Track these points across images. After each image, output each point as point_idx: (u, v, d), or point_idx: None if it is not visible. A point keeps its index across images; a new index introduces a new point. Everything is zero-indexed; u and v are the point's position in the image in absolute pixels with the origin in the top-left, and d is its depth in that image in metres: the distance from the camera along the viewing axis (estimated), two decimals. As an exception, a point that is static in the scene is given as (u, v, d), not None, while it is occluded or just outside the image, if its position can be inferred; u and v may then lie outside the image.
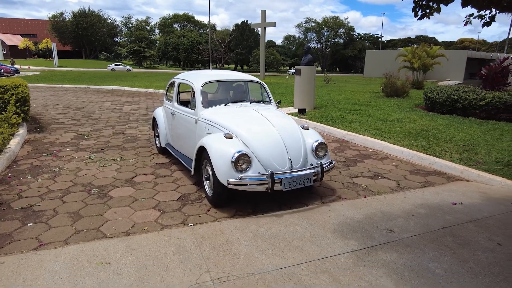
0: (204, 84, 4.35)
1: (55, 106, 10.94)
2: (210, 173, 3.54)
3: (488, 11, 3.09)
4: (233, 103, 4.43)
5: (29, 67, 41.53)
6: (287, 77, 33.88)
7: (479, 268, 2.46)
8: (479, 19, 3.10)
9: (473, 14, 3.08)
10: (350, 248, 2.75)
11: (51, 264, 2.48)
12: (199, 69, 53.55)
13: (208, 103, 4.32)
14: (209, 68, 48.91)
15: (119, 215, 3.36)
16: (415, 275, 2.39)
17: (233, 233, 2.97)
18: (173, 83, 5.10)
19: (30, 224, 3.14)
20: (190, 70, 53.36)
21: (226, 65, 61.84)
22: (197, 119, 4.15)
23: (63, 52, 60.16)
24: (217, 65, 50.95)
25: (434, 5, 2.90)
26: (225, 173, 3.26)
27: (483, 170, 4.69)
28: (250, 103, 4.51)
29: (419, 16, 2.92)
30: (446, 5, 2.83)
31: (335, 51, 69.41)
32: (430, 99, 10.31)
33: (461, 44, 79.42)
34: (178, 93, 4.94)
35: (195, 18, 77.79)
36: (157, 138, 5.61)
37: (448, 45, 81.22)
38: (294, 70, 11.10)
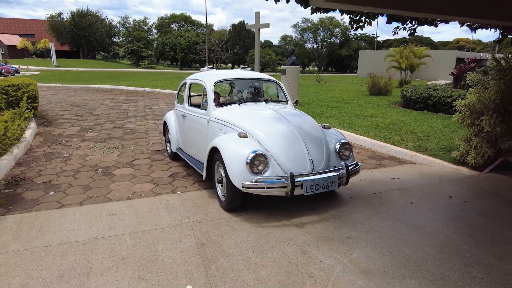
0: (216, 83, 4.16)
1: (58, 104, 11.75)
2: (223, 175, 3.32)
3: (410, 25, 3.96)
4: (247, 102, 4.24)
5: (27, 67, 42.14)
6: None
7: (388, 216, 3.34)
8: (404, 30, 3.98)
9: (398, 26, 3.95)
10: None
11: (71, 215, 3.32)
12: (197, 69, 54.38)
13: (220, 103, 4.14)
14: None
15: (121, 186, 4.20)
16: (340, 220, 3.25)
17: (211, 197, 3.82)
18: (184, 84, 4.91)
19: (51, 193, 3.97)
20: (187, 70, 53.72)
21: (223, 65, 62.69)
22: (209, 119, 3.92)
23: (61, 52, 60.72)
24: (214, 65, 51.77)
25: (366, 19, 3.76)
26: (239, 175, 3.01)
27: (428, 155, 5.57)
28: (265, 103, 4.24)
29: (354, 28, 3.78)
30: (374, 20, 3.69)
31: (331, 51, 70.41)
32: (405, 97, 11.21)
33: (457, 44, 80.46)
34: (190, 94, 4.72)
35: (193, 18, 78.64)
36: (168, 144, 5.35)
37: (445, 45, 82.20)
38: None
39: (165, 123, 5.46)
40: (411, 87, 11.39)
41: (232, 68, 67.58)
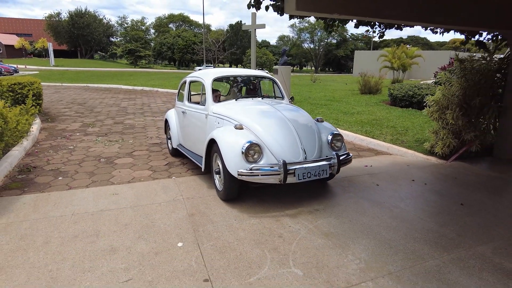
0: (214, 79, 4.35)
1: (59, 102, 12.21)
2: (221, 166, 3.47)
3: (379, 28, 4.48)
4: (244, 98, 4.43)
5: (25, 66, 42.44)
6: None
7: (354, 195, 3.87)
8: (373, 33, 4.50)
9: (368, 30, 4.47)
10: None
11: (80, 194, 3.82)
12: (193, 68, 54.77)
13: (218, 99, 4.36)
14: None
15: (122, 173, 4.70)
16: (311, 196, 3.77)
17: (202, 181, 4.32)
18: (184, 83, 5.12)
19: (60, 178, 4.47)
20: (185, 69, 53.94)
21: (221, 65, 63.15)
22: (207, 114, 4.11)
23: (58, 52, 60.97)
24: (212, 65, 52.22)
25: (339, 24, 4.28)
26: (235, 164, 3.18)
27: (403, 147, 6.10)
28: (262, 99, 4.44)
29: (328, 31, 4.30)
30: (345, 24, 4.20)
31: (328, 51, 71.06)
32: (392, 95, 11.76)
33: (453, 44, 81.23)
34: (189, 91, 4.91)
35: (190, 18, 79.02)
36: (169, 141, 5.53)
37: (441, 45, 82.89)
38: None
39: (166, 121, 5.63)
40: (398, 86, 11.94)
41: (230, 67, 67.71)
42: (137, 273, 2.35)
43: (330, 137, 3.68)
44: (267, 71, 8.67)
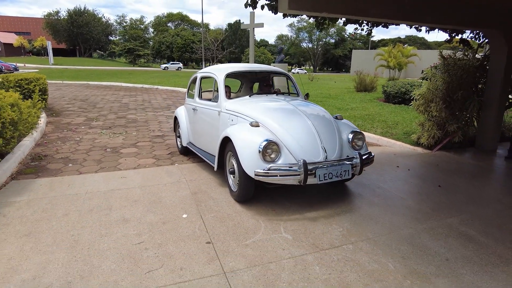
0: (227, 75, 4.16)
1: (62, 99, 12.52)
2: (235, 165, 3.34)
3: (367, 26, 4.85)
4: (258, 95, 4.28)
5: (24, 65, 42.62)
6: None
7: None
8: (362, 31, 4.86)
9: (357, 27, 4.83)
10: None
11: (90, 178, 4.16)
12: (193, 67, 55.00)
13: (229, 95, 4.18)
14: (202, 67, 50.37)
15: (128, 161, 5.04)
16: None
17: (203, 167, 4.67)
18: (195, 79, 4.95)
19: (70, 165, 4.81)
20: (184, 68, 54.00)
21: (219, 64, 63.56)
22: (220, 111, 3.94)
23: (57, 50, 61.11)
24: (210, 63, 52.60)
25: (330, 22, 4.64)
26: (252, 163, 3.00)
27: (392, 139, 6.47)
28: (276, 95, 4.30)
29: (319, 28, 4.65)
30: (335, 22, 4.56)
31: (326, 51, 71.49)
32: (386, 92, 12.14)
33: (451, 44, 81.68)
34: (200, 87, 4.75)
35: (189, 17, 79.29)
36: (179, 139, 5.41)
37: (439, 45, 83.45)
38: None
39: (175, 119, 5.45)
40: (392, 83, 12.32)
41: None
42: (147, 238, 2.70)
43: (351, 136, 3.46)
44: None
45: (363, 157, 3.32)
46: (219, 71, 4.29)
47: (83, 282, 2.15)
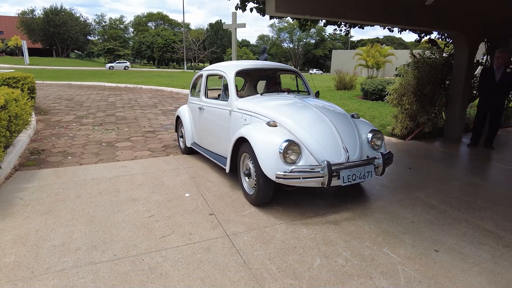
0: (238, 72, 4.00)
1: (46, 98, 12.48)
2: (252, 168, 3.19)
3: (344, 27, 5.35)
4: (269, 93, 4.14)
5: (-2, 65, 41.15)
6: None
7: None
8: (340, 31, 5.36)
9: (336, 28, 5.33)
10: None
11: (93, 168, 4.45)
12: (174, 67, 54.70)
13: (241, 94, 4.06)
14: (183, 67, 50.25)
15: (124, 153, 5.33)
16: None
17: (198, 157, 5.04)
18: (200, 77, 4.79)
19: (70, 157, 5.06)
20: (165, 68, 53.54)
21: (201, 64, 63.42)
22: (231, 110, 3.77)
23: (33, 50, 59.24)
24: (192, 63, 52.51)
25: (311, 23, 5.11)
26: (272, 165, 2.85)
27: (369, 131, 7.02)
28: (288, 93, 4.18)
29: (302, 29, 5.11)
30: (316, 24, 5.04)
31: (306, 51, 72.75)
32: (364, 90, 12.83)
33: (427, 44, 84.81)
34: (207, 86, 4.57)
35: (169, 17, 78.72)
36: (181, 139, 5.27)
37: (416, 45, 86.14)
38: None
39: (178, 118, 5.31)
40: (370, 81, 13.03)
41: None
42: (156, 212, 3.06)
43: (370, 135, 3.33)
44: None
45: (385, 157, 3.21)
46: (228, 68, 4.12)
47: (107, 246, 2.49)
